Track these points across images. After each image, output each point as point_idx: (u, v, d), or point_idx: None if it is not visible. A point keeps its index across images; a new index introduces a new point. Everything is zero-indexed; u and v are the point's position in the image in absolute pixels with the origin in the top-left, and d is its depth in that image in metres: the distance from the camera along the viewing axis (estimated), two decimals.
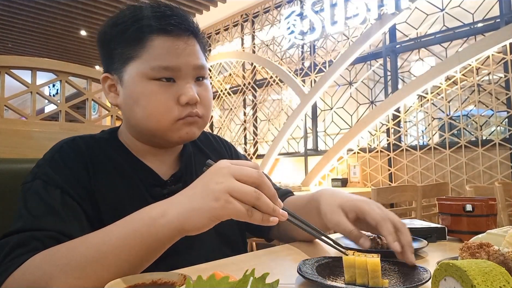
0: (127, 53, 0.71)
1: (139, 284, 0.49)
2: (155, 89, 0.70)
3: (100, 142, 0.78)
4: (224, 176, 0.52)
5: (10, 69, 1.26)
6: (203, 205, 0.52)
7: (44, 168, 0.69)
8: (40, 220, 0.61)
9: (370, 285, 0.55)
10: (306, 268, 0.60)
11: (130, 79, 0.71)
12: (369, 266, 0.55)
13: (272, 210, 0.53)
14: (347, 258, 0.57)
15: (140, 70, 0.70)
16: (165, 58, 0.69)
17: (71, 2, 4.94)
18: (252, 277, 0.37)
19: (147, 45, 0.70)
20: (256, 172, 0.54)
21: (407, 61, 3.99)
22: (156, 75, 0.70)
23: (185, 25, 0.72)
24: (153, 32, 0.70)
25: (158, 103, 0.70)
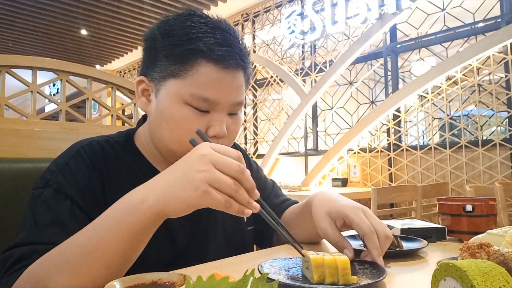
0: (171, 68, 0.68)
1: (139, 284, 0.49)
2: (188, 116, 0.68)
3: (116, 146, 0.76)
4: (205, 164, 0.52)
5: (11, 68, 1.26)
6: (182, 192, 0.52)
7: (57, 175, 0.67)
8: (45, 232, 0.61)
9: (340, 283, 0.56)
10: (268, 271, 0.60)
11: (167, 96, 0.69)
12: (339, 265, 0.56)
13: (247, 203, 0.53)
14: (316, 258, 0.58)
15: (178, 91, 0.67)
16: (207, 90, 0.67)
17: (71, 2, 4.94)
18: (252, 277, 0.37)
19: (193, 69, 0.67)
20: (237, 164, 0.53)
21: (407, 61, 3.99)
22: (193, 103, 0.67)
23: (236, 59, 0.69)
24: (203, 57, 0.67)
25: (186, 131, 0.67)
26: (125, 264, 0.56)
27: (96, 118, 1.48)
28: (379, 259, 0.65)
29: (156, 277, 0.50)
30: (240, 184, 0.53)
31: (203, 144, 0.55)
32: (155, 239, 0.59)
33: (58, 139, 1.15)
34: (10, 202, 0.87)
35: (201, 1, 5.15)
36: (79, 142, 0.75)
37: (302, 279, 0.59)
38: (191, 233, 0.79)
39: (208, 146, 0.54)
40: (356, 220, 0.70)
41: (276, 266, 0.64)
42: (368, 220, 0.70)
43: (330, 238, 0.73)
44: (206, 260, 0.73)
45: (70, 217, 0.63)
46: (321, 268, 0.57)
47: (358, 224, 0.69)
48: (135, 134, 0.81)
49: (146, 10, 5.26)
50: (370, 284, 0.56)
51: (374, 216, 0.72)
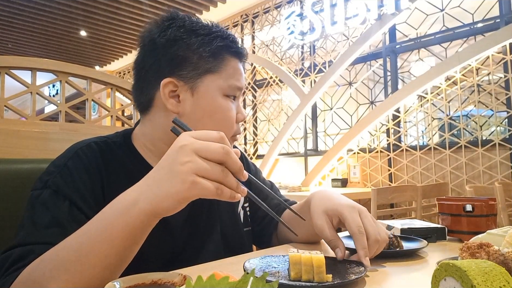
0: (205, 65, 0.74)
1: (139, 284, 0.49)
2: (230, 105, 0.76)
3: (113, 147, 0.77)
4: (187, 155, 0.50)
5: (10, 70, 1.26)
6: (170, 188, 0.50)
7: (55, 177, 0.68)
8: (44, 233, 0.61)
9: (315, 280, 0.57)
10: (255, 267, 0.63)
11: (208, 92, 0.74)
12: (314, 263, 0.58)
13: (235, 187, 0.53)
14: (293, 255, 0.60)
15: (218, 85, 0.75)
16: (238, 79, 0.77)
17: (71, 3, 4.94)
18: (252, 277, 0.37)
19: (224, 63, 0.75)
20: (220, 147, 0.51)
21: (407, 61, 3.99)
22: (230, 93, 0.76)
23: (245, 52, 0.80)
24: (229, 52, 0.76)
25: (230, 119, 0.76)
26: (120, 265, 0.55)
27: (96, 119, 1.48)
28: (365, 259, 0.66)
29: (156, 277, 0.50)
30: (227, 168, 0.52)
31: (182, 135, 0.54)
32: (154, 239, 0.59)
33: (57, 140, 1.15)
34: (10, 203, 0.87)
35: (200, 2, 5.16)
36: (77, 143, 0.75)
37: (283, 275, 0.62)
38: (189, 233, 0.79)
39: (187, 135, 0.53)
40: (348, 219, 0.71)
41: (264, 262, 0.67)
42: (362, 220, 0.71)
43: (325, 235, 0.74)
44: (203, 260, 0.74)
45: (68, 218, 0.63)
46: (298, 265, 0.59)
47: (349, 223, 0.71)
48: (132, 134, 0.82)
49: (145, 11, 5.26)
50: (343, 282, 0.57)
51: (369, 218, 0.72)
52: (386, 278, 0.65)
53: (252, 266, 0.65)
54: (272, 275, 0.62)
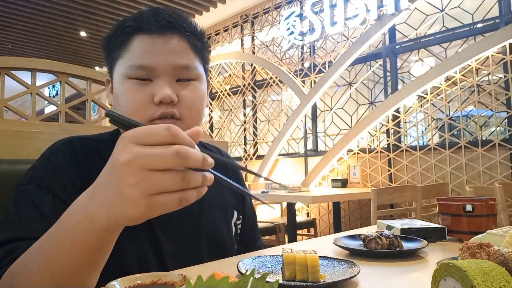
0: (114, 55, 0.73)
1: (139, 284, 0.49)
2: (131, 87, 0.70)
3: (98, 143, 0.77)
4: (134, 174, 0.41)
5: (10, 70, 1.26)
6: (126, 211, 0.43)
7: (38, 171, 0.69)
8: (29, 227, 0.62)
9: (309, 280, 0.57)
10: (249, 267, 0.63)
11: (116, 79, 0.73)
12: (308, 262, 0.58)
13: (201, 183, 0.44)
14: (287, 255, 0.60)
15: (121, 69, 0.71)
16: (141, 57, 0.69)
17: (70, 3, 4.94)
18: (252, 277, 0.37)
19: (129, 46, 0.71)
20: (173, 153, 0.41)
21: (406, 62, 3.99)
22: (132, 74, 0.70)
23: (168, 22, 0.71)
24: (135, 32, 0.71)
25: (132, 102, 0.69)
26: (94, 271, 0.52)
27: (96, 119, 1.48)
28: None
29: (156, 277, 0.50)
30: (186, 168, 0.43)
31: (121, 142, 0.44)
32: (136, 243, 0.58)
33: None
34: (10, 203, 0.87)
35: (200, 3, 5.16)
36: (61, 139, 0.76)
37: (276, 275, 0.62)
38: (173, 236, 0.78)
39: (127, 142, 0.43)
40: None
41: (258, 262, 0.68)
42: None
43: None
44: (192, 262, 0.73)
45: (52, 211, 0.63)
46: (292, 265, 0.59)
47: None
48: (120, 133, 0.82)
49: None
50: (337, 282, 0.57)
51: None
52: (386, 278, 0.65)
53: (245, 266, 0.65)
54: None
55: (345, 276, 0.59)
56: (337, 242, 0.85)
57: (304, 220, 3.94)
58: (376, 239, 0.80)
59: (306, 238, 4.26)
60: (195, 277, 0.39)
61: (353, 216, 4.10)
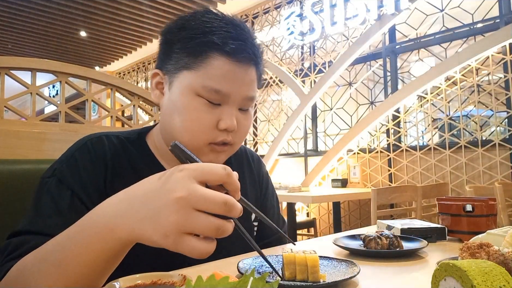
0: (185, 60, 0.69)
1: (139, 284, 0.49)
2: (200, 107, 0.68)
3: (125, 142, 0.78)
4: (181, 209, 0.43)
5: (10, 70, 1.27)
6: (151, 234, 0.44)
7: (62, 165, 0.70)
8: (44, 222, 0.63)
9: (309, 280, 0.57)
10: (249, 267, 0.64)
11: (179, 87, 0.70)
12: (308, 262, 0.58)
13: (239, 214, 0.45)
14: (287, 255, 0.60)
15: (191, 82, 0.68)
16: (219, 82, 0.68)
17: (70, 3, 4.94)
18: (252, 277, 0.37)
19: (207, 61, 0.68)
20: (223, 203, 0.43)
21: (406, 62, 3.99)
22: (205, 95, 0.68)
23: (249, 53, 0.70)
24: (216, 50, 0.68)
25: (198, 122, 0.68)
26: (103, 277, 0.52)
27: (96, 119, 1.48)
28: None
29: (156, 277, 0.50)
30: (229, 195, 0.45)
31: (179, 176, 0.45)
32: None
33: (57, 141, 1.15)
34: (10, 204, 0.87)
35: (200, 3, 5.16)
36: (89, 135, 0.77)
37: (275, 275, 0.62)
38: None
39: (187, 179, 0.44)
40: None
41: (258, 262, 0.68)
42: None
43: None
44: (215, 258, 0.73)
45: (69, 208, 0.65)
46: (292, 265, 0.59)
47: None
48: (149, 133, 0.83)
49: (145, 12, 5.26)
50: (337, 282, 0.57)
51: None
52: (386, 278, 0.65)
53: (245, 266, 0.65)
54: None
55: (345, 276, 0.59)
56: (337, 242, 0.85)
57: (304, 220, 3.94)
58: (376, 239, 0.80)
59: (306, 238, 4.26)
60: (195, 277, 0.39)
61: (353, 216, 4.10)
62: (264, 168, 1.00)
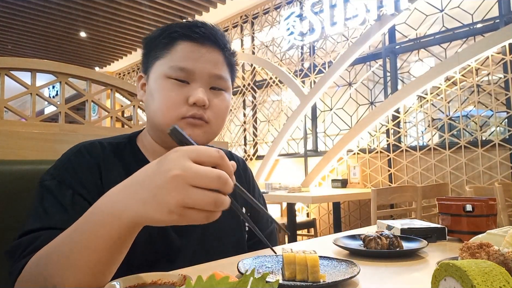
0: (156, 54, 0.78)
1: (139, 284, 0.49)
2: (169, 86, 0.75)
3: (116, 147, 0.82)
4: (178, 186, 0.46)
5: (10, 71, 1.27)
6: (156, 214, 0.47)
7: (60, 170, 0.74)
8: (51, 218, 0.67)
9: (309, 280, 0.58)
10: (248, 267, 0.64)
11: (153, 77, 0.78)
12: (308, 262, 0.58)
13: (232, 189, 0.49)
14: (287, 255, 0.60)
15: (161, 68, 0.77)
16: (183, 60, 0.75)
17: (70, 4, 4.94)
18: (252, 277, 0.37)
19: (173, 48, 0.77)
20: (217, 177, 0.47)
21: (406, 62, 3.99)
22: (172, 75, 0.75)
23: (212, 37, 0.78)
24: (180, 38, 0.77)
25: (167, 99, 0.75)
26: (111, 267, 0.55)
27: (96, 120, 1.48)
28: None
29: (156, 277, 0.50)
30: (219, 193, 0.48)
31: (176, 156, 0.48)
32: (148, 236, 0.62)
33: (57, 141, 1.15)
34: (10, 204, 0.87)
35: (200, 3, 5.16)
36: (82, 142, 0.81)
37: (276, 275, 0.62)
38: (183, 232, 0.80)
39: (183, 157, 0.48)
40: None
41: (258, 262, 0.68)
42: None
43: None
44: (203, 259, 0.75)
45: (72, 204, 0.69)
46: (292, 265, 0.59)
47: None
48: (138, 136, 0.88)
49: (145, 12, 5.27)
50: (337, 282, 0.57)
51: None
52: (386, 278, 0.65)
53: (245, 266, 0.65)
54: None
55: (345, 276, 0.59)
56: (337, 242, 0.85)
57: (304, 220, 3.94)
58: (376, 239, 0.80)
59: (306, 238, 4.25)
60: (195, 277, 0.39)
61: (353, 216, 4.10)
62: (250, 170, 1.05)
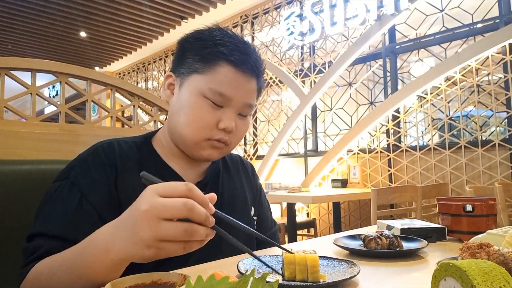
0: (196, 65, 0.79)
1: (139, 284, 0.49)
2: (204, 107, 0.77)
3: (132, 146, 0.84)
4: (149, 221, 0.50)
5: (10, 71, 1.26)
6: (138, 251, 0.52)
7: (75, 169, 0.76)
8: (54, 225, 0.69)
9: (309, 280, 0.57)
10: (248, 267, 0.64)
11: (188, 88, 0.79)
12: (308, 262, 0.58)
13: (205, 236, 0.52)
14: (287, 255, 0.60)
15: (200, 85, 0.77)
16: (224, 86, 0.77)
17: (70, 4, 4.94)
18: (252, 277, 0.37)
19: (215, 68, 0.77)
20: (182, 205, 0.50)
21: (406, 62, 3.99)
22: (209, 96, 0.77)
23: (252, 65, 0.80)
24: (225, 59, 0.77)
25: (200, 119, 0.77)
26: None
27: (96, 120, 1.48)
28: None
29: (156, 277, 0.50)
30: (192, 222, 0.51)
31: (146, 193, 0.53)
32: None
33: (57, 141, 1.15)
34: (10, 204, 0.87)
35: (200, 3, 5.16)
36: (101, 141, 0.83)
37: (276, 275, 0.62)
38: None
39: (150, 193, 0.52)
40: None
41: (258, 262, 0.67)
42: None
43: None
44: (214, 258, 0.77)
45: (76, 209, 0.71)
46: (292, 265, 0.59)
47: None
48: (154, 136, 0.89)
49: (145, 12, 5.26)
50: (337, 282, 0.57)
51: None
52: (386, 278, 0.65)
53: (245, 266, 0.65)
54: None
55: (345, 276, 0.59)
56: (337, 242, 0.85)
57: (304, 220, 3.94)
58: (376, 239, 0.80)
59: (306, 238, 4.26)
60: (195, 277, 0.39)
61: (353, 216, 4.10)
62: (258, 178, 1.08)
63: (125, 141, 0.84)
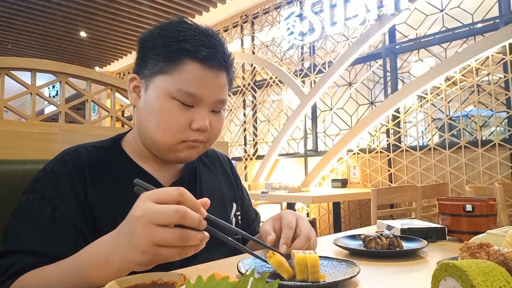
0: (160, 65, 0.74)
1: (139, 284, 0.49)
2: (174, 108, 0.73)
3: (101, 151, 0.80)
4: (143, 226, 0.51)
5: (10, 71, 1.26)
6: (136, 257, 0.53)
7: (43, 181, 0.72)
8: (27, 240, 0.66)
9: (309, 280, 0.57)
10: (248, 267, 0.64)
11: (155, 91, 0.74)
12: (308, 262, 0.58)
13: (199, 241, 0.53)
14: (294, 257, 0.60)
15: (166, 86, 0.73)
16: (192, 85, 0.73)
17: (70, 3, 4.94)
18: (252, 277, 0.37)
19: (180, 66, 0.73)
20: (174, 212, 0.51)
21: (406, 62, 3.99)
22: (179, 97, 0.73)
23: (219, 59, 0.75)
24: (190, 56, 0.73)
25: (172, 122, 0.73)
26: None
27: (96, 119, 1.48)
28: (283, 247, 0.72)
29: (156, 277, 0.50)
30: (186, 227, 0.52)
31: (140, 200, 0.54)
32: None
33: (57, 141, 1.15)
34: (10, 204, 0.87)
35: (200, 3, 5.16)
36: (66, 149, 0.79)
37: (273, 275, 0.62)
38: None
39: (144, 200, 0.53)
40: (284, 218, 0.78)
41: (258, 262, 0.68)
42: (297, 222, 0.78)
43: (264, 232, 0.79)
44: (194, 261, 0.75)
45: (49, 223, 0.68)
46: (303, 266, 0.58)
47: (283, 220, 0.78)
48: (124, 138, 0.86)
49: (145, 12, 5.26)
50: (338, 282, 0.57)
51: (306, 222, 0.80)
52: (386, 278, 0.65)
53: (245, 266, 0.65)
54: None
55: (345, 276, 0.59)
56: (337, 242, 0.85)
57: None
58: (376, 239, 0.80)
59: None
60: (195, 277, 0.39)
61: (353, 216, 4.10)
62: (235, 168, 1.07)
63: (92, 146, 0.81)
